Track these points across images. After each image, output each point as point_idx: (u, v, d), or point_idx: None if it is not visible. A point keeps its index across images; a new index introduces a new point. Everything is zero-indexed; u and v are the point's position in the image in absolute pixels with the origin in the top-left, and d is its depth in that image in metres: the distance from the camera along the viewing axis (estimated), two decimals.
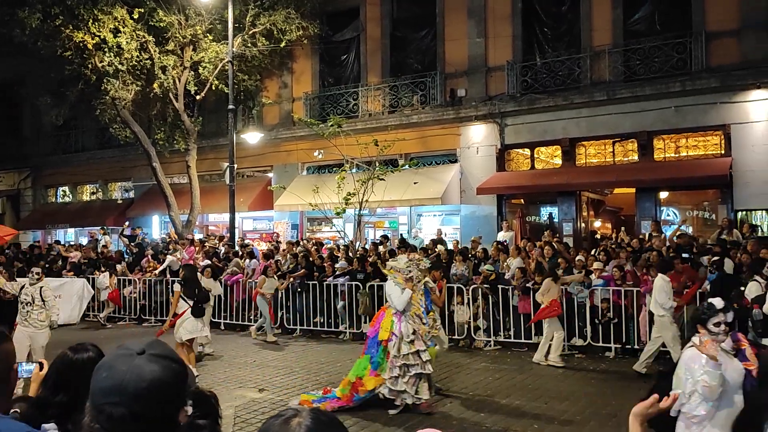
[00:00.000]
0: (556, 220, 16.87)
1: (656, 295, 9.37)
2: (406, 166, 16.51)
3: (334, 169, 17.18)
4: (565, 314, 11.34)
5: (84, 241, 23.19)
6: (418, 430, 1.84)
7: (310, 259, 14.42)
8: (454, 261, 12.93)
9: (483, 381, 9.36)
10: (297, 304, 13.95)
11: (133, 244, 18.46)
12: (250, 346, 12.42)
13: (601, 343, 11.13)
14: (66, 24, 17.22)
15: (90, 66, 17.90)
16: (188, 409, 1.54)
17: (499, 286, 12.03)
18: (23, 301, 9.01)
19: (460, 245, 14.62)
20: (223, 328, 14.45)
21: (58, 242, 21.64)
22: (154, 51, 18.32)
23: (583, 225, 16.93)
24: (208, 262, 13.97)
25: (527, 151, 17.24)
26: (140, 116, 20.08)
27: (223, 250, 16.71)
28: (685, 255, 11.50)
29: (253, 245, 17.41)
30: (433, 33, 18.58)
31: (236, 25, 17.78)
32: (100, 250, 18.73)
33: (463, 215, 17.59)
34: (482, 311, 12.09)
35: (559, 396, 8.44)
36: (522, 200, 17.86)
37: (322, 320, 13.64)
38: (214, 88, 19.01)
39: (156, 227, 23.84)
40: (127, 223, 20.51)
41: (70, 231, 26.31)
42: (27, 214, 27.40)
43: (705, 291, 10.09)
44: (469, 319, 12.11)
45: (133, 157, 22.47)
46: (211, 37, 18.86)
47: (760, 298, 8.58)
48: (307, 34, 19.30)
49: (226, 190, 17.71)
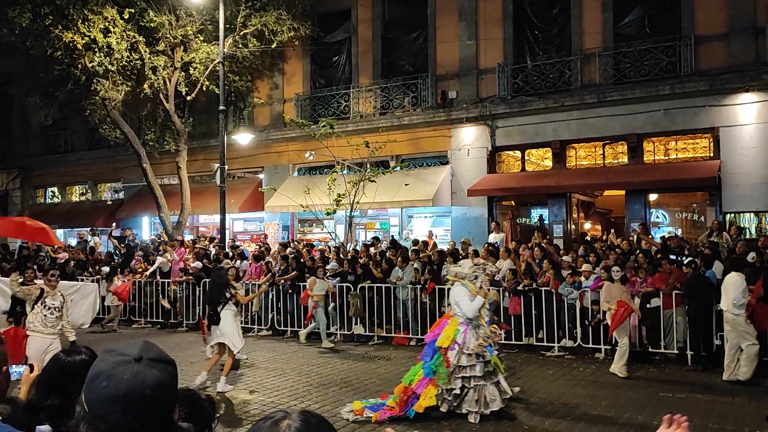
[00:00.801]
0: (546, 222, 16.93)
1: (731, 293, 9.01)
2: (397, 168, 16.54)
3: (326, 171, 17.16)
4: (554, 316, 11.40)
5: (73, 242, 23.06)
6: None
7: (301, 260, 14.41)
8: (445, 262, 12.94)
9: None
10: (288, 305, 13.92)
11: (122, 245, 18.37)
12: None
13: (590, 345, 11.18)
14: (56, 24, 17.12)
15: (80, 66, 17.81)
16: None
17: (490, 288, 12.04)
18: (51, 306, 8.16)
19: (448, 246, 14.64)
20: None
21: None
22: (145, 51, 18.25)
23: (574, 227, 17.01)
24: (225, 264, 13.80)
25: (518, 153, 17.30)
26: (130, 117, 20.00)
27: (213, 251, 16.65)
28: (672, 256, 11.59)
29: (243, 246, 17.37)
30: (424, 35, 18.62)
31: (227, 26, 17.74)
32: (88, 251, 18.63)
33: (454, 217, 17.62)
34: None
35: (550, 396, 8.45)
36: (512, 202, 17.92)
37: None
38: (204, 89, 18.96)
39: (146, 228, 23.73)
40: (114, 224, 20.43)
41: (59, 232, 26.09)
42: (15, 215, 27.17)
43: None
44: None
45: (123, 158, 22.38)
46: (202, 38, 18.81)
47: None
48: (299, 36, 19.29)
49: (217, 192, 17.66)
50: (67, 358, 2.77)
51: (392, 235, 17.89)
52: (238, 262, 15.17)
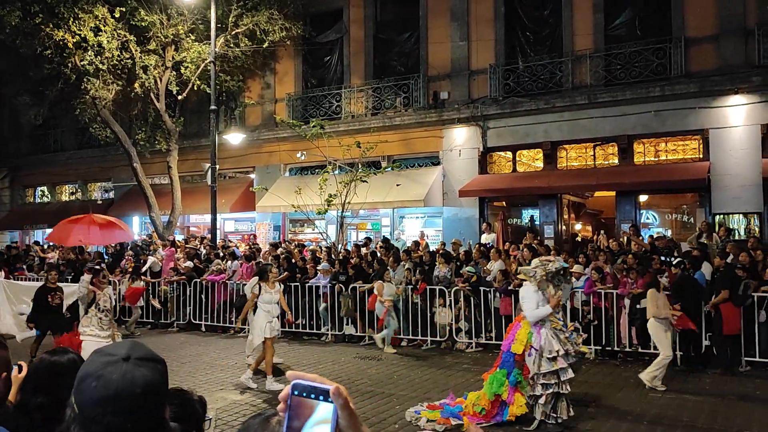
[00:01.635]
0: (537, 223, 16.98)
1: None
2: (389, 168, 16.54)
3: (317, 171, 17.14)
4: None
5: None
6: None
7: (292, 260, 14.38)
8: (437, 263, 12.96)
9: (465, 383, 9.38)
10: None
11: (112, 246, 18.27)
12: (231, 348, 12.34)
13: (580, 345, 11.20)
14: (46, 22, 17.03)
15: (70, 65, 17.72)
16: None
17: (481, 288, 12.08)
18: (104, 308, 7.93)
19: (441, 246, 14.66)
20: (204, 330, 14.39)
21: (36, 243, 21.37)
22: (136, 50, 18.17)
23: (564, 228, 17.07)
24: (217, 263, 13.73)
25: (509, 154, 17.35)
26: (121, 116, 19.91)
27: (204, 251, 16.61)
28: (661, 257, 11.65)
29: (234, 246, 17.32)
30: (416, 36, 18.64)
31: (219, 26, 17.69)
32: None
33: (446, 217, 17.65)
34: (464, 313, 12.14)
35: None
36: (504, 203, 17.97)
37: (304, 322, 13.61)
38: (196, 89, 18.91)
39: (136, 228, 23.62)
40: None
41: (49, 231, 25.97)
42: (4, 215, 27.03)
43: None
44: (451, 321, 12.15)
45: (114, 158, 22.28)
46: (193, 37, 18.76)
47: None
48: (291, 35, 19.26)
49: (208, 191, 17.62)
50: (51, 358, 2.76)
51: (384, 236, 17.90)
52: (228, 262, 15.14)
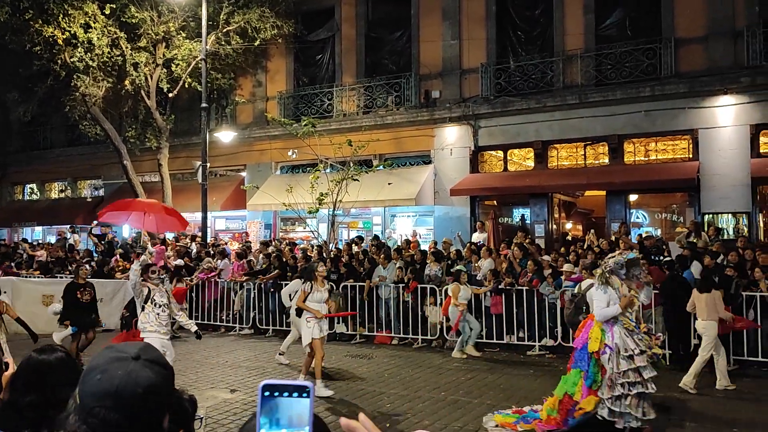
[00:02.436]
0: (528, 222, 17.04)
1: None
2: (381, 167, 16.54)
3: (308, 169, 17.14)
4: (535, 315, 11.48)
5: (52, 239, 22.79)
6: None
7: (283, 259, 14.37)
8: (428, 262, 12.99)
9: (455, 381, 9.42)
10: (270, 304, 13.88)
11: (102, 243, 18.19)
12: (222, 347, 12.33)
13: (570, 344, 11.24)
14: (35, 18, 16.91)
15: (60, 61, 17.61)
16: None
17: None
18: (161, 304, 7.62)
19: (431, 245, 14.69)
20: None
21: (25, 240, 21.24)
22: (126, 47, 18.09)
23: (555, 227, 17.14)
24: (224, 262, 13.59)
25: (500, 153, 17.40)
26: (111, 113, 19.82)
27: (195, 249, 16.56)
28: (652, 257, 11.72)
29: (225, 244, 17.28)
30: (408, 34, 18.64)
31: (210, 23, 17.63)
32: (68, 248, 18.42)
33: (437, 216, 17.68)
34: None
35: (531, 395, 8.52)
36: (495, 202, 18.01)
37: None
38: (187, 86, 18.84)
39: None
40: (95, 222, 20.20)
41: (38, 229, 25.84)
42: None
43: None
44: (442, 319, 12.17)
45: (104, 155, 22.16)
46: (184, 35, 18.68)
47: None
48: (282, 33, 19.23)
49: (199, 189, 17.56)
50: (39, 356, 2.76)
51: (375, 234, 17.90)
52: (219, 260, 15.11)
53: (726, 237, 13.54)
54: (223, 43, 18.90)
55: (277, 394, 1.16)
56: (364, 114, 18.58)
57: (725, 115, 14.53)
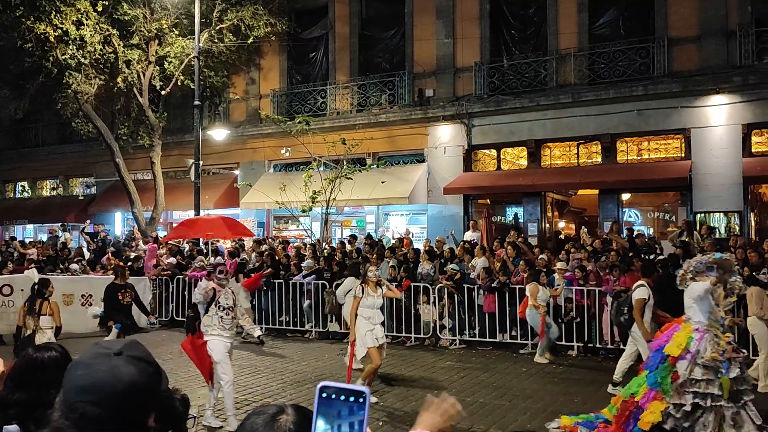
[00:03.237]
0: (521, 221, 17.07)
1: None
2: (374, 165, 16.51)
3: (302, 167, 17.10)
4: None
5: (44, 237, 22.68)
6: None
7: (276, 257, 14.33)
8: (421, 260, 12.98)
9: (448, 379, 9.43)
10: (262, 302, 13.85)
11: (94, 242, 18.10)
12: None
13: (564, 342, 11.30)
14: (27, 15, 16.80)
15: (51, 58, 17.51)
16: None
17: (465, 286, 12.13)
18: (225, 307, 7.33)
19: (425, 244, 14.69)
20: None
21: (14, 238, 21.12)
22: (118, 45, 18.00)
23: (548, 225, 17.17)
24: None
25: (493, 152, 17.41)
26: (103, 111, 19.72)
27: (187, 247, 16.50)
28: (644, 256, 11.74)
29: (218, 243, 17.20)
30: (401, 33, 18.62)
31: (203, 20, 17.57)
32: (59, 247, 18.32)
33: (430, 215, 17.67)
34: (448, 310, 12.18)
35: (523, 394, 8.54)
36: (488, 200, 18.03)
37: (288, 319, 13.58)
38: (179, 84, 18.75)
39: (119, 224, 23.43)
40: (87, 221, 20.12)
41: (29, 227, 25.70)
42: None
43: None
44: (435, 318, 12.18)
45: (96, 153, 22.05)
46: (177, 32, 18.60)
47: None
48: (275, 31, 19.18)
49: (191, 187, 17.49)
50: (35, 353, 2.74)
51: (369, 233, 17.89)
52: (211, 258, 15.03)
53: (718, 236, 13.59)
54: (216, 41, 18.83)
55: (334, 396, 1.21)
56: (358, 112, 18.55)
57: (717, 115, 14.59)
